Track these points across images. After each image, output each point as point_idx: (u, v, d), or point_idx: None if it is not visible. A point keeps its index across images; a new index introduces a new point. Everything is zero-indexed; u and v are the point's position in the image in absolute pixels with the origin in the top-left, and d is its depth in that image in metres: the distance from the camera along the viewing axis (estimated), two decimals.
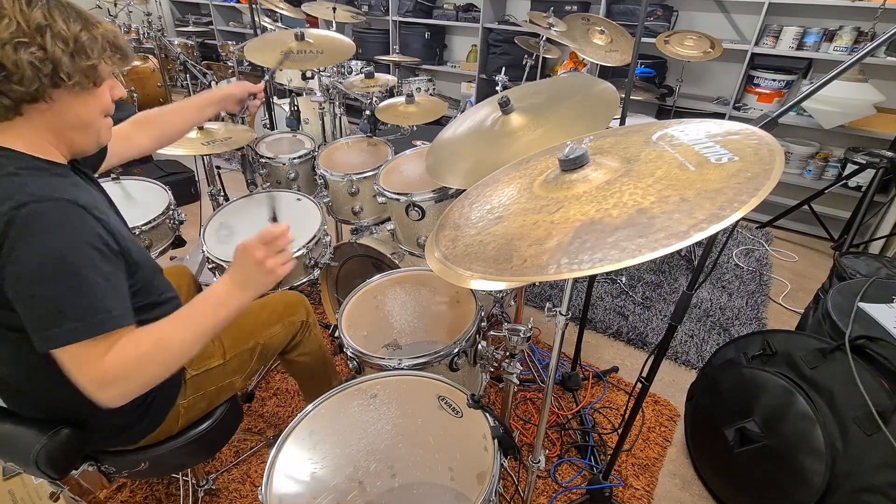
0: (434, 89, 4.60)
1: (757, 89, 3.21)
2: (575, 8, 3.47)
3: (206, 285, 0.91)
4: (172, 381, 1.05)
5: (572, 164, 0.74)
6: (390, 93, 2.97)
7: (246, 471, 1.57)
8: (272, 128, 2.87)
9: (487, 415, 0.95)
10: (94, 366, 0.77)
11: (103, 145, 0.93)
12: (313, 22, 4.84)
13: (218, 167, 2.23)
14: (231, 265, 0.93)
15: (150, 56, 4.83)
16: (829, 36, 2.90)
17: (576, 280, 1.03)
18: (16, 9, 0.75)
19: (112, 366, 0.78)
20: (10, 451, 0.88)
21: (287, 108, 2.79)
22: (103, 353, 0.78)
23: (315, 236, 1.63)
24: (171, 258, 2.46)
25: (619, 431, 1.42)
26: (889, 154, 2.66)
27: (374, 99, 2.30)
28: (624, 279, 2.60)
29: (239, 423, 1.24)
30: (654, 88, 3.38)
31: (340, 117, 2.47)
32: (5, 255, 0.74)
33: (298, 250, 1.57)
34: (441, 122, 2.09)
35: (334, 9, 2.93)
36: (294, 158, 2.02)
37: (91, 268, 0.78)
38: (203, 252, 1.58)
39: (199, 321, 0.88)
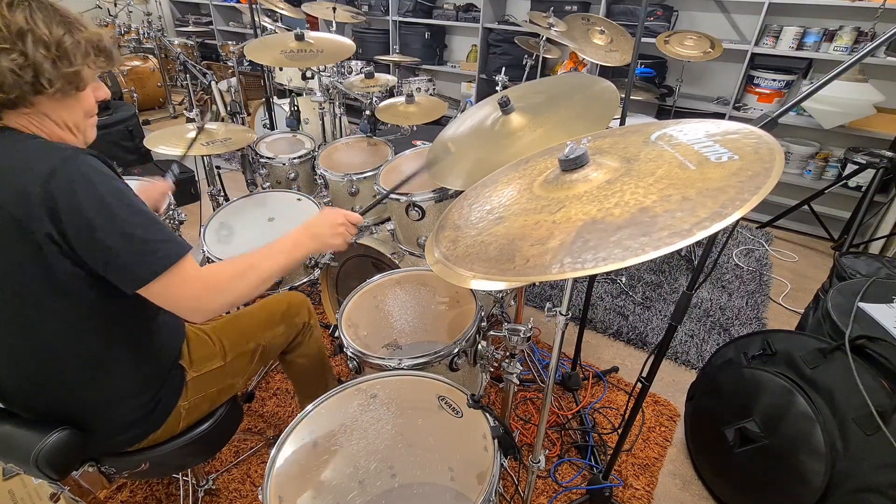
0: (434, 89, 4.60)
1: (757, 89, 3.21)
2: (575, 8, 3.47)
3: None
4: (174, 382, 1.06)
5: (572, 164, 0.74)
6: (390, 93, 2.97)
7: (246, 471, 1.57)
8: (272, 128, 2.87)
9: (487, 415, 0.95)
10: (201, 277, 0.86)
11: (88, 144, 0.93)
12: (313, 22, 4.85)
13: (218, 167, 2.23)
14: (311, 220, 1.07)
15: (150, 56, 4.83)
16: (829, 36, 2.90)
17: (576, 280, 1.03)
18: None
19: (217, 276, 0.89)
20: (11, 452, 0.88)
21: (287, 108, 2.79)
22: (199, 268, 0.86)
23: None
24: None
25: (619, 431, 1.42)
26: (889, 154, 2.66)
27: (374, 99, 2.30)
28: (624, 279, 2.60)
29: (239, 424, 1.23)
30: (654, 88, 3.38)
31: (340, 117, 2.47)
32: (67, 212, 0.75)
33: None
34: (441, 122, 2.09)
35: (334, 9, 2.93)
36: (294, 158, 2.02)
37: (143, 202, 0.83)
38: (203, 252, 1.58)
39: (281, 257, 0.99)
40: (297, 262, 1.03)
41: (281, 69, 3.43)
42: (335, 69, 2.88)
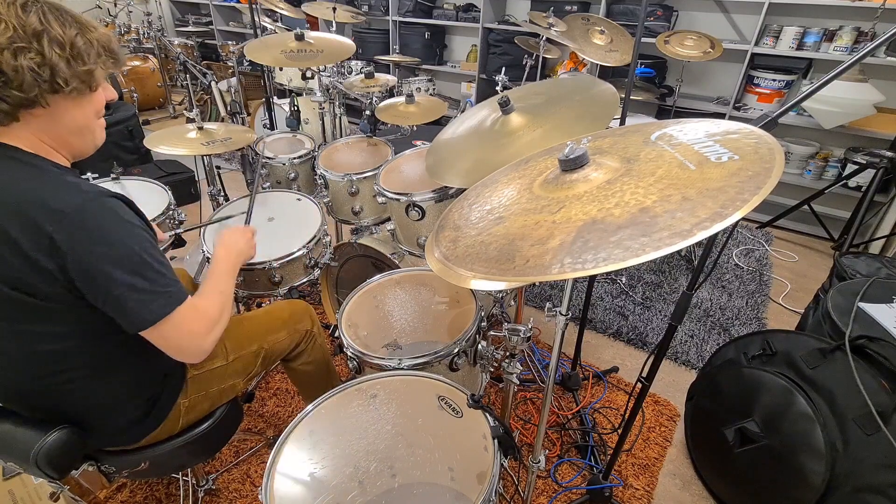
0: (434, 89, 4.60)
1: (757, 89, 3.21)
2: (575, 8, 3.47)
3: None
4: (175, 380, 1.06)
5: (572, 164, 0.74)
6: (390, 93, 2.97)
7: (246, 471, 1.57)
8: (272, 128, 2.87)
9: (487, 415, 0.95)
10: (199, 318, 0.93)
11: (99, 146, 0.95)
12: (313, 22, 4.85)
13: (218, 167, 2.23)
14: (224, 245, 1.17)
15: (150, 56, 4.83)
16: (829, 36, 2.90)
17: (576, 280, 1.03)
18: (11, 13, 0.75)
19: (210, 314, 0.96)
20: (10, 451, 0.88)
21: (287, 108, 2.79)
22: (198, 307, 0.93)
23: (315, 236, 1.62)
24: (171, 258, 2.46)
25: (619, 431, 1.42)
26: (889, 154, 2.66)
27: (374, 99, 2.29)
28: (624, 279, 2.60)
29: (239, 424, 1.23)
30: (654, 88, 3.38)
31: (340, 117, 2.47)
32: (77, 251, 0.77)
33: (298, 250, 1.57)
34: (441, 122, 2.09)
35: (334, 9, 2.93)
36: (294, 158, 2.02)
37: (155, 249, 0.87)
38: (203, 252, 1.58)
39: (230, 282, 1.09)
40: None
41: (281, 69, 3.44)
42: (335, 69, 2.88)
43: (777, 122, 0.80)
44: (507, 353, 1.14)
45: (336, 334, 1.25)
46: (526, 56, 3.10)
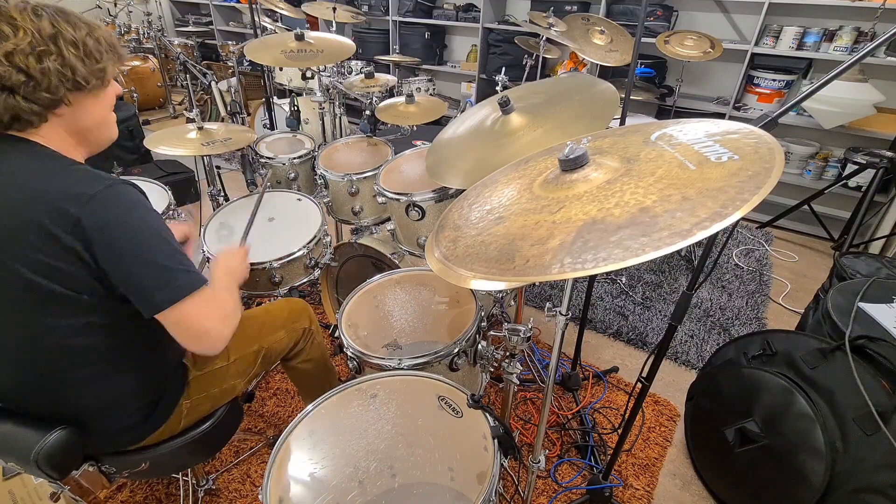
0: (434, 89, 4.60)
1: (757, 89, 3.21)
2: (575, 8, 3.47)
3: None
4: (177, 381, 1.06)
5: (572, 164, 0.74)
6: (390, 93, 2.97)
7: (246, 471, 1.57)
8: (272, 128, 2.87)
9: (487, 415, 0.95)
10: (218, 305, 0.94)
11: (114, 140, 0.98)
12: (313, 22, 4.85)
13: (218, 167, 2.23)
14: (219, 267, 1.16)
15: (150, 56, 4.83)
16: (829, 36, 2.90)
17: (576, 280, 1.03)
18: (26, 19, 0.79)
19: (225, 304, 0.97)
20: (11, 452, 0.88)
21: (287, 108, 2.79)
22: (215, 296, 0.93)
23: (315, 236, 1.62)
24: None
25: (619, 431, 1.42)
26: (889, 154, 2.66)
27: (374, 99, 2.29)
28: (624, 279, 2.60)
29: (239, 424, 1.23)
30: (654, 88, 3.38)
31: (340, 117, 2.47)
32: (102, 232, 0.80)
33: (298, 250, 1.57)
34: (441, 122, 2.09)
35: (334, 9, 2.93)
36: (294, 158, 2.02)
37: (171, 235, 0.89)
38: (203, 252, 1.58)
39: (234, 287, 1.11)
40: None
41: (281, 69, 3.44)
42: (335, 69, 2.88)
43: (777, 122, 0.81)
44: (507, 353, 1.14)
45: (336, 334, 1.25)
46: (526, 56, 3.10)
